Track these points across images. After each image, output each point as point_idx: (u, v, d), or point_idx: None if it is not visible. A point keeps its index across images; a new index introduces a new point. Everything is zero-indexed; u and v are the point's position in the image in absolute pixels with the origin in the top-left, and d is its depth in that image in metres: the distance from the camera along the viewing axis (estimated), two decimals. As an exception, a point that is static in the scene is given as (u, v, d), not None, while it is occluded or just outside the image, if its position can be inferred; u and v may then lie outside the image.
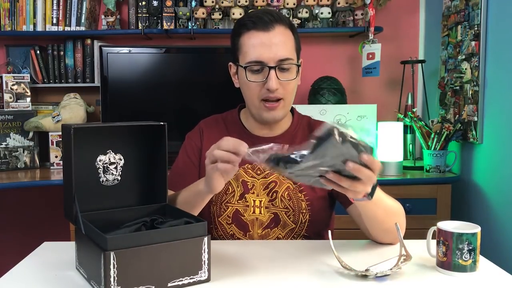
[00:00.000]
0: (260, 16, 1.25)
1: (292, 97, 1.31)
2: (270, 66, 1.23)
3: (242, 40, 1.27)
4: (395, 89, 2.64)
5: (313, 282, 1.01)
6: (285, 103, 1.28)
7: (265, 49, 1.23)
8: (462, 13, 2.18)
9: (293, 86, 1.29)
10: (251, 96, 1.29)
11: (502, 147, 1.92)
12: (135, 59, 2.41)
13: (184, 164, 1.37)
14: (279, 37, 1.24)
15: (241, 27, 1.28)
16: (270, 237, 1.32)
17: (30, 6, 2.50)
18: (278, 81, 1.24)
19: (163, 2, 2.54)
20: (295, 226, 1.32)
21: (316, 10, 2.54)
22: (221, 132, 1.37)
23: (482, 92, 2.04)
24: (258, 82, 1.26)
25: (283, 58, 1.24)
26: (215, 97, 2.44)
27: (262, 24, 1.24)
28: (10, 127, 2.41)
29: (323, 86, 2.44)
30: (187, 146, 1.40)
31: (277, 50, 1.23)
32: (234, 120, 1.41)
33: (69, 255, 1.13)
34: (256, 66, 1.25)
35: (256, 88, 1.26)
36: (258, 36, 1.24)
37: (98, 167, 1.10)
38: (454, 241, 1.03)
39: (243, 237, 1.33)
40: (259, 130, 1.36)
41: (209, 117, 1.46)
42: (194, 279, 0.98)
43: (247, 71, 1.26)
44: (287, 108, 1.31)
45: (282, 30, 1.25)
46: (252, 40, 1.25)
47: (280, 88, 1.25)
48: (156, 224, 1.05)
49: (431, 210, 2.15)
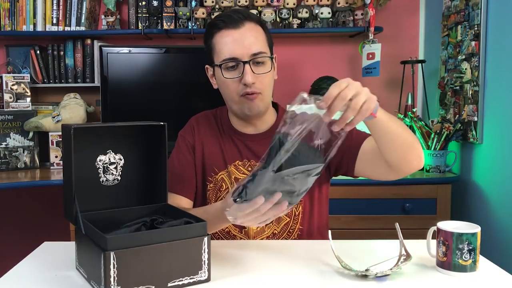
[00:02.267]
0: (230, 15, 1.29)
1: (269, 90, 1.32)
2: (244, 61, 1.25)
3: (215, 40, 1.30)
4: (395, 89, 2.64)
5: (313, 282, 1.01)
6: (263, 96, 1.29)
7: (237, 45, 1.25)
8: (462, 13, 2.18)
9: (269, 79, 1.30)
10: (230, 93, 1.30)
11: (502, 147, 1.92)
12: (135, 59, 2.41)
13: (180, 164, 1.37)
14: (250, 33, 1.27)
15: (212, 28, 1.30)
16: (265, 232, 1.33)
17: (30, 6, 2.50)
18: (254, 75, 1.26)
19: (163, 2, 2.54)
20: (290, 219, 1.33)
21: (316, 10, 2.54)
22: (213, 129, 1.39)
23: (482, 92, 2.04)
24: (235, 78, 1.27)
25: (256, 52, 1.26)
26: (215, 97, 2.43)
27: (232, 22, 1.26)
28: (10, 127, 2.41)
29: (323, 86, 2.44)
30: (181, 145, 1.40)
31: (250, 45, 1.25)
32: (224, 117, 1.41)
33: (69, 255, 1.13)
34: (231, 62, 1.26)
35: (233, 84, 1.28)
36: (229, 34, 1.26)
37: (98, 167, 1.10)
38: (454, 241, 1.03)
39: (239, 233, 1.33)
40: (244, 128, 1.37)
41: (200, 114, 1.46)
42: (194, 279, 0.98)
43: (223, 69, 1.28)
44: (266, 101, 1.32)
45: (252, 26, 1.28)
46: (224, 39, 1.27)
47: (256, 82, 1.26)
48: (156, 224, 1.05)
49: (431, 210, 2.15)
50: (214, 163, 1.35)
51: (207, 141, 1.38)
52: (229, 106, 1.36)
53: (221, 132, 1.39)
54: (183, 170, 1.36)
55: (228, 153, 1.35)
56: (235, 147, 1.36)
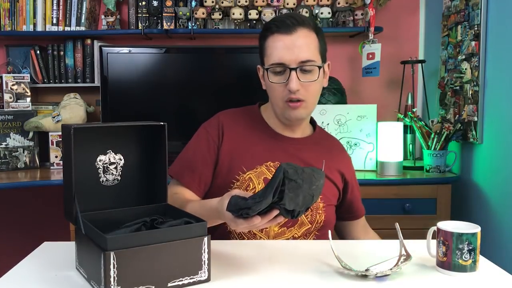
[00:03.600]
0: (283, 19, 1.29)
1: (315, 99, 1.34)
2: (291, 67, 1.26)
3: (267, 43, 1.31)
4: (395, 89, 2.64)
5: (313, 282, 1.01)
6: (307, 104, 1.31)
7: (286, 51, 1.26)
8: (462, 13, 2.18)
9: (315, 88, 1.31)
10: (275, 98, 1.32)
11: (502, 147, 1.92)
12: (135, 59, 2.41)
13: (195, 157, 1.36)
14: (302, 40, 1.27)
15: (266, 31, 1.32)
16: (285, 235, 1.33)
17: (30, 6, 2.50)
18: (299, 82, 1.27)
19: (163, 2, 2.54)
20: (311, 226, 1.34)
21: (316, 10, 2.54)
22: (242, 126, 1.39)
23: (482, 92, 2.04)
24: (280, 84, 1.29)
25: (304, 60, 1.27)
26: (215, 97, 2.44)
27: (285, 27, 1.27)
28: (10, 127, 2.41)
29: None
30: (202, 140, 1.38)
31: (299, 52, 1.26)
32: (256, 116, 1.42)
33: (69, 255, 1.13)
34: (278, 67, 1.28)
35: (278, 89, 1.29)
36: (280, 39, 1.27)
37: (98, 167, 1.10)
38: (454, 241, 1.03)
39: (259, 232, 1.32)
40: (281, 130, 1.39)
41: (227, 111, 1.45)
42: (194, 279, 0.98)
43: (270, 73, 1.30)
44: (309, 109, 1.34)
45: (305, 32, 1.28)
46: (275, 43, 1.28)
47: (301, 89, 1.28)
48: (156, 224, 1.05)
49: (431, 210, 2.15)
50: (242, 161, 1.34)
51: (236, 139, 1.36)
52: (273, 108, 1.37)
53: (252, 131, 1.38)
54: (197, 164, 1.35)
55: (260, 152, 1.35)
56: (268, 147, 1.36)
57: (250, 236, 1.33)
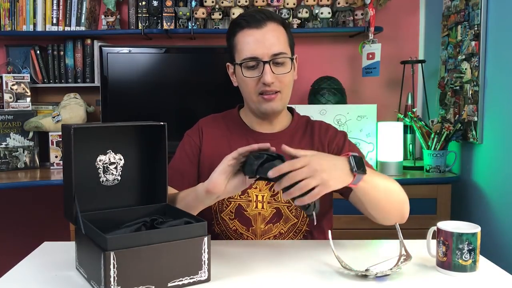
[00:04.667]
0: (253, 14, 1.30)
1: (288, 90, 1.34)
2: (264, 61, 1.26)
3: (237, 38, 1.31)
4: (395, 89, 2.64)
5: (313, 282, 1.01)
6: (282, 95, 1.31)
7: (258, 45, 1.27)
8: (462, 13, 2.18)
9: (288, 80, 1.31)
10: (249, 92, 1.32)
11: (502, 147, 1.92)
12: (135, 59, 2.41)
13: (181, 161, 1.39)
14: (272, 33, 1.28)
15: (235, 27, 1.32)
16: (272, 232, 1.34)
17: (30, 6, 2.50)
18: (273, 75, 1.27)
19: (163, 2, 2.54)
20: (297, 220, 1.34)
21: (316, 10, 2.54)
22: (221, 129, 1.40)
23: (482, 92, 2.04)
24: (254, 78, 1.29)
25: (276, 53, 1.27)
26: (215, 97, 2.44)
27: (255, 22, 1.28)
28: (10, 127, 2.41)
29: (323, 86, 2.45)
30: (186, 144, 1.41)
31: (271, 45, 1.27)
32: (234, 118, 1.43)
33: (69, 255, 1.13)
34: (251, 62, 1.28)
35: (252, 83, 1.29)
36: (251, 33, 1.28)
37: (98, 167, 1.10)
38: (454, 241, 1.03)
39: (246, 232, 1.34)
40: (259, 126, 1.39)
41: (207, 117, 1.47)
42: (194, 279, 0.98)
43: (243, 68, 1.30)
44: (284, 101, 1.34)
45: (274, 26, 1.29)
46: (246, 38, 1.28)
47: (275, 81, 1.28)
48: (156, 224, 1.05)
49: (431, 210, 2.15)
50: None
51: (216, 143, 1.38)
52: (247, 104, 1.38)
53: (231, 132, 1.39)
54: (183, 166, 1.38)
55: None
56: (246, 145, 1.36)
57: (236, 236, 1.34)
